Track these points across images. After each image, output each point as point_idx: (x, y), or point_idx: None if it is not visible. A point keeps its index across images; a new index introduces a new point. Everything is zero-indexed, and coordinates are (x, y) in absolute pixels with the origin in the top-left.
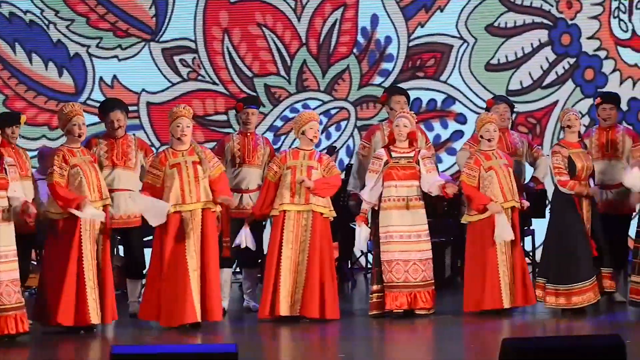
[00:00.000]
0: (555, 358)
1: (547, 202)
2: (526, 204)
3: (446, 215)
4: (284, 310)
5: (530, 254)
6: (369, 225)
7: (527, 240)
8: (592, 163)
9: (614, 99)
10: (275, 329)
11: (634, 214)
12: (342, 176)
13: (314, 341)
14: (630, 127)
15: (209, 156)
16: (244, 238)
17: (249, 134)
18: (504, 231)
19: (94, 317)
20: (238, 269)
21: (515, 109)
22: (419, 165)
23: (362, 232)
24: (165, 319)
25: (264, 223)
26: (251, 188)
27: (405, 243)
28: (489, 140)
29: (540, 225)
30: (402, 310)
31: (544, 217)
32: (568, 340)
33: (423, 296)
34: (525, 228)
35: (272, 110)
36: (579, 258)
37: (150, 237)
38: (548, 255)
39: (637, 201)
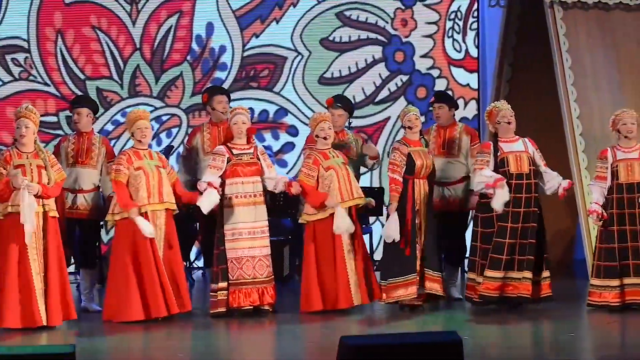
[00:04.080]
0: (394, 354)
1: (384, 199)
2: (372, 202)
3: (284, 214)
4: (138, 313)
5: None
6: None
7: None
8: (432, 161)
9: (444, 98)
10: (114, 329)
11: (471, 211)
12: None
13: (155, 340)
14: (469, 125)
15: (52, 161)
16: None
17: (84, 134)
18: (343, 223)
19: None
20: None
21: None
22: (259, 161)
23: (212, 195)
24: (13, 321)
25: (101, 224)
26: (85, 188)
27: (252, 239)
28: (324, 138)
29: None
30: (252, 307)
31: (382, 214)
32: (406, 336)
33: (269, 291)
34: (364, 226)
35: (103, 113)
36: (402, 252)
37: None
38: (383, 251)
39: (475, 202)
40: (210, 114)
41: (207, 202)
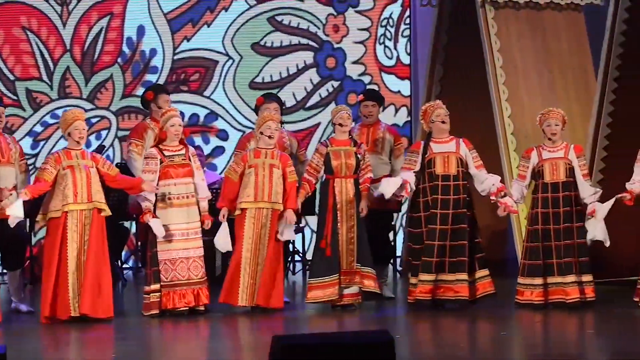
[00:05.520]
0: (326, 354)
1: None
2: (292, 218)
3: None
4: (68, 311)
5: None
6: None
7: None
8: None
9: (376, 96)
10: (47, 330)
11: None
12: None
13: (87, 341)
14: (391, 125)
15: None
16: None
17: None
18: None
19: None
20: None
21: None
22: (191, 162)
23: (156, 224)
24: None
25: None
26: (9, 187)
27: (186, 241)
28: (269, 137)
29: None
30: (187, 308)
31: (314, 214)
32: (338, 336)
33: (204, 292)
34: (297, 225)
35: (32, 115)
36: (323, 253)
37: None
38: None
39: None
40: (153, 112)
41: (158, 229)
